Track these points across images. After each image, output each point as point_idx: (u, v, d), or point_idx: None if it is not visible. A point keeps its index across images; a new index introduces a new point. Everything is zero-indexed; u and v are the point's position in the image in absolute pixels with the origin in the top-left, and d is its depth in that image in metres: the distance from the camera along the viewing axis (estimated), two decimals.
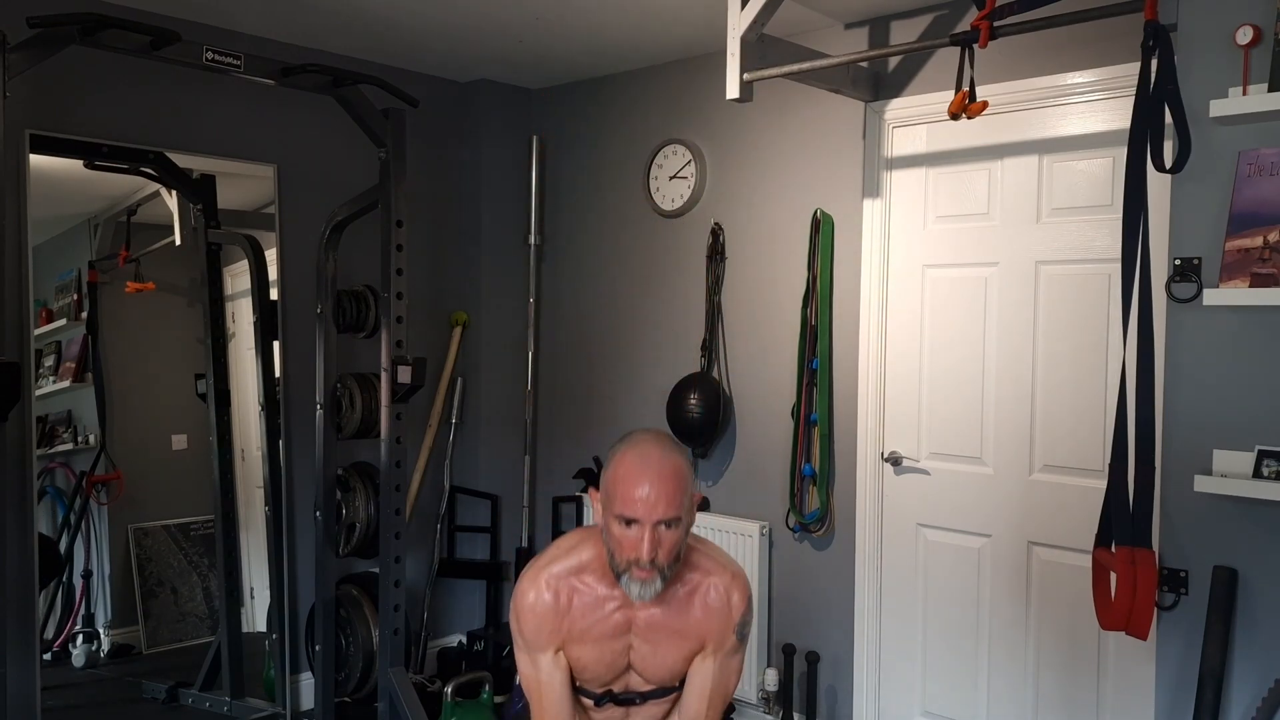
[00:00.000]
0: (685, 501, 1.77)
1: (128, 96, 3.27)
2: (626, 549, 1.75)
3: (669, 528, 1.75)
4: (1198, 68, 2.10)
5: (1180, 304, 2.13)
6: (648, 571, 1.75)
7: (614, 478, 1.77)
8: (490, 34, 3.57)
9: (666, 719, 2.04)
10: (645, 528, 1.73)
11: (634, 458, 1.76)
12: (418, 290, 3.62)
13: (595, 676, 1.95)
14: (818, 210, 3.41)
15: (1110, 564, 2.07)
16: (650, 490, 1.72)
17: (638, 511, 1.72)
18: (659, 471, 1.74)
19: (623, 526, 1.75)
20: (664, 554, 1.75)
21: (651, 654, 1.91)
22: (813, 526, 3.43)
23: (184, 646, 3.62)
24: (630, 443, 1.81)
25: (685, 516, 1.78)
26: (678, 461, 1.77)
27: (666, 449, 1.79)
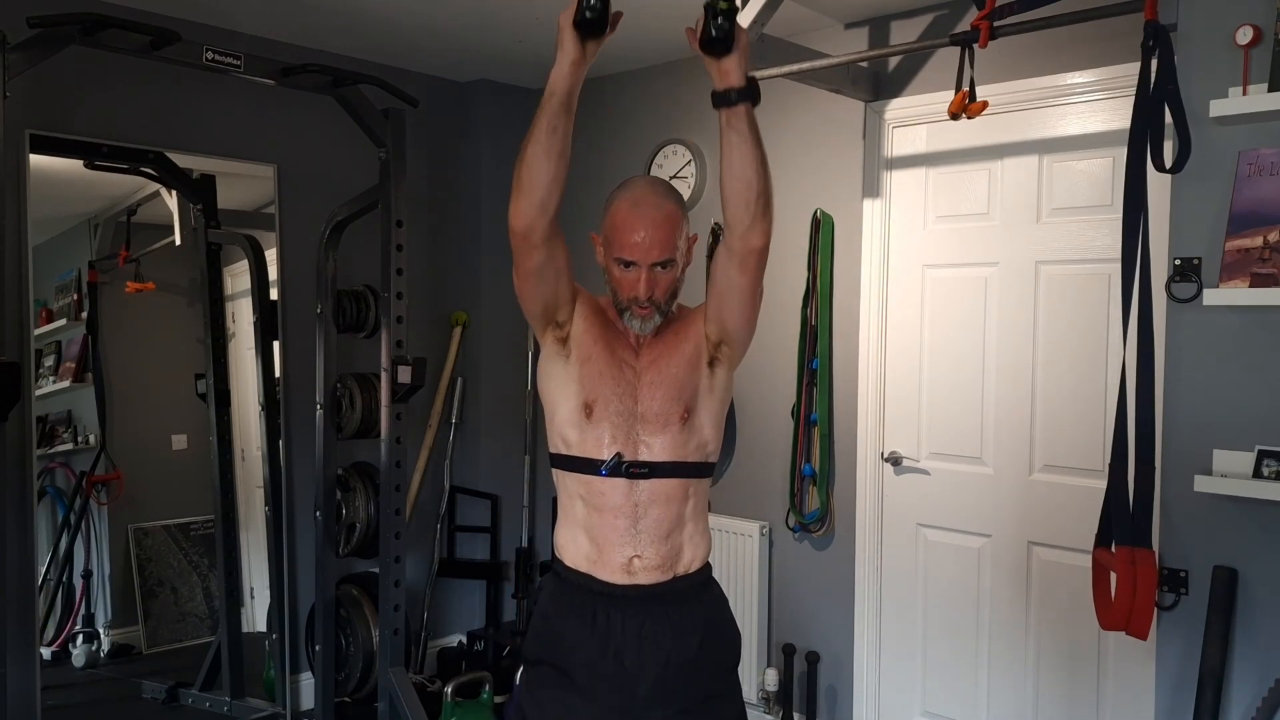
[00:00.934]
0: (679, 243, 1.85)
1: (128, 96, 3.27)
2: (626, 288, 1.85)
3: (664, 268, 1.84)
4: (1198, 68, 2.10)
5: (1180, 304, 2.13)
6: (646, 308, 1.85)
7: (612, 224, 1.87)
8: (490, 34, 3.57)
9: (673, 531, 1.88)
10: (642, 269, 1.82)
11: (629, 204, 1.85)
12: (418, 290, 3.61)
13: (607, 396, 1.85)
14: (818, 210, 3.41)
15: (1110, 564, 2.07)
16: (646, 235, 1.81)
17: (635, 255, 1.82)
18: (653, 217, 1.82)
19: (622, 268, 1.85)
20: (660, 292, 1.85)
21: (657, 374, 1.89)
22: (813, 526, 3.43)
23: (184, 646, 3.62)
24: (627, 189, 1.89)
25: (679, 258, 1.86)
26: (671, 207, 1.85)
27: (661, 194, 1.87)
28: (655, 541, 1.85)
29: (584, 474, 1.86)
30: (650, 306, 1.85)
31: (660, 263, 1.83)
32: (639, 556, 1.84)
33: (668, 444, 1.86)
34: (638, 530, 1.84)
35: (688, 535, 1.89)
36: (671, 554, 1.87)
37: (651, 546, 1.85)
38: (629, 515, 1.85)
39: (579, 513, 1.88)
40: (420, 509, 4.10)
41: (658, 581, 1.85)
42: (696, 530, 1.91)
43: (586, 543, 1.87)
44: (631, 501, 1.85)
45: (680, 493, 1.87)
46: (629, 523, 1.84)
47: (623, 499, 1.84)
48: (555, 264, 1.85)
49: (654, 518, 1.85)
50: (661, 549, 1.85)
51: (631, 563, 1.84)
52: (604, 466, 1.84)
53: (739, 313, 1.87)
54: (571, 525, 1.90)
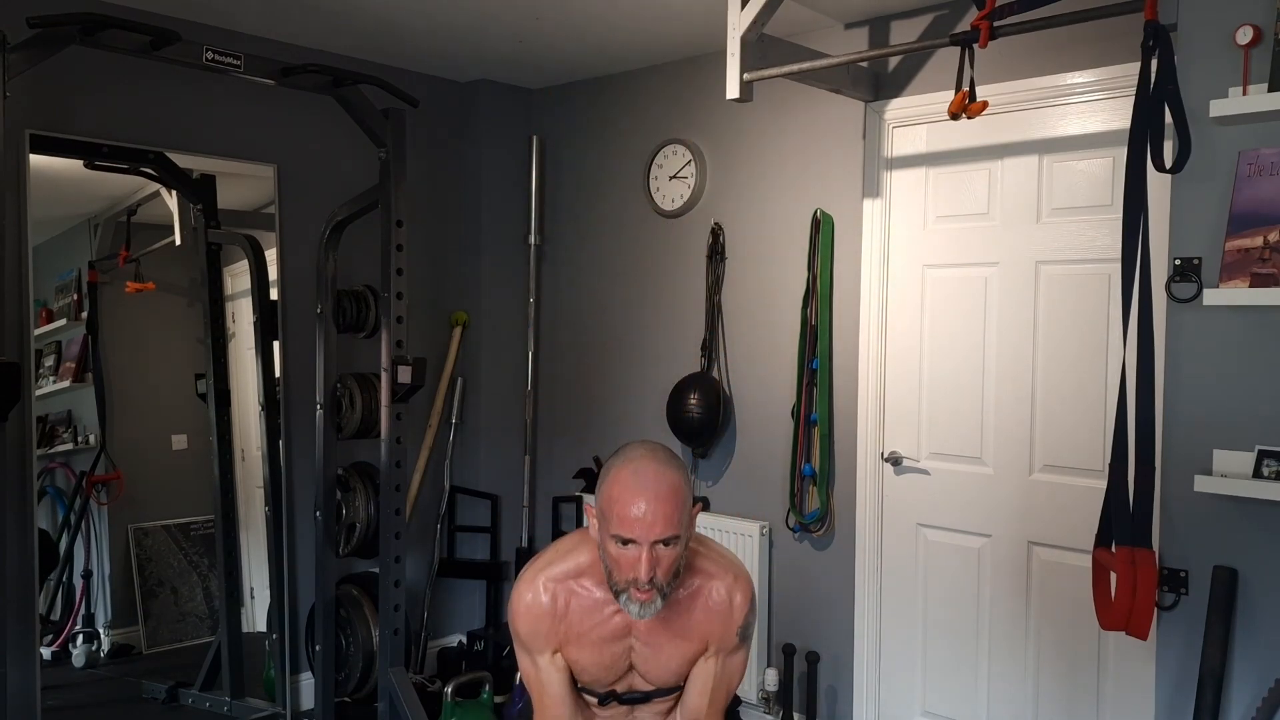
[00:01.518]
0: (683, 518, 1.73)
1: (128, 96, 3.27)
2: (624, 568, 1.72)
3: (667, 546, 1.71)
4: (1198, 68, 2.10)
5: (1180, 304, 2.13)
6: (647, 592, 1.72)
7: (609, 497, 1.73)
8: (490, 34, 3.57)
9: (670, 715, 2.04)
10: (643, 548, 1.69)
11: (629, 475, 1.72)
12: (418, 290, 3.62)
13: (596, 678, 1.95)
14: (818, 210, 3.41)
15: (1110, 564, 2.07)
16: (647, 509, 1.68)
17: (635, 532, 1.68)
18: (655, 490, 1.69)
19: (620, 546, 1.71)
20: (662, 573, 1.72)
21: (653, 657, 1.91)
22: (813, 526, 3.43)
23: (184, 646, 3.62)
24: (625, 458, 1.76)
25: (684, 533, 1.74)
26: (674, 478, 1.73)
27: (663, 464, 1.74)
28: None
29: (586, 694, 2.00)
30: (651, 590, 1.72)
31: (663, 540, 1.70)
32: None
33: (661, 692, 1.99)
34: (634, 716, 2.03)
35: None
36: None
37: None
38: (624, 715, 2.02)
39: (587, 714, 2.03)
40: (420, 509, 4.10)
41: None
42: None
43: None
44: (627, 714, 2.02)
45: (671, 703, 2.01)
46: (625, 711, 2.02)
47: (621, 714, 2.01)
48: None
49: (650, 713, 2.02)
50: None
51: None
52: (602, 699, 1.98)
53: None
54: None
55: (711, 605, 1.88)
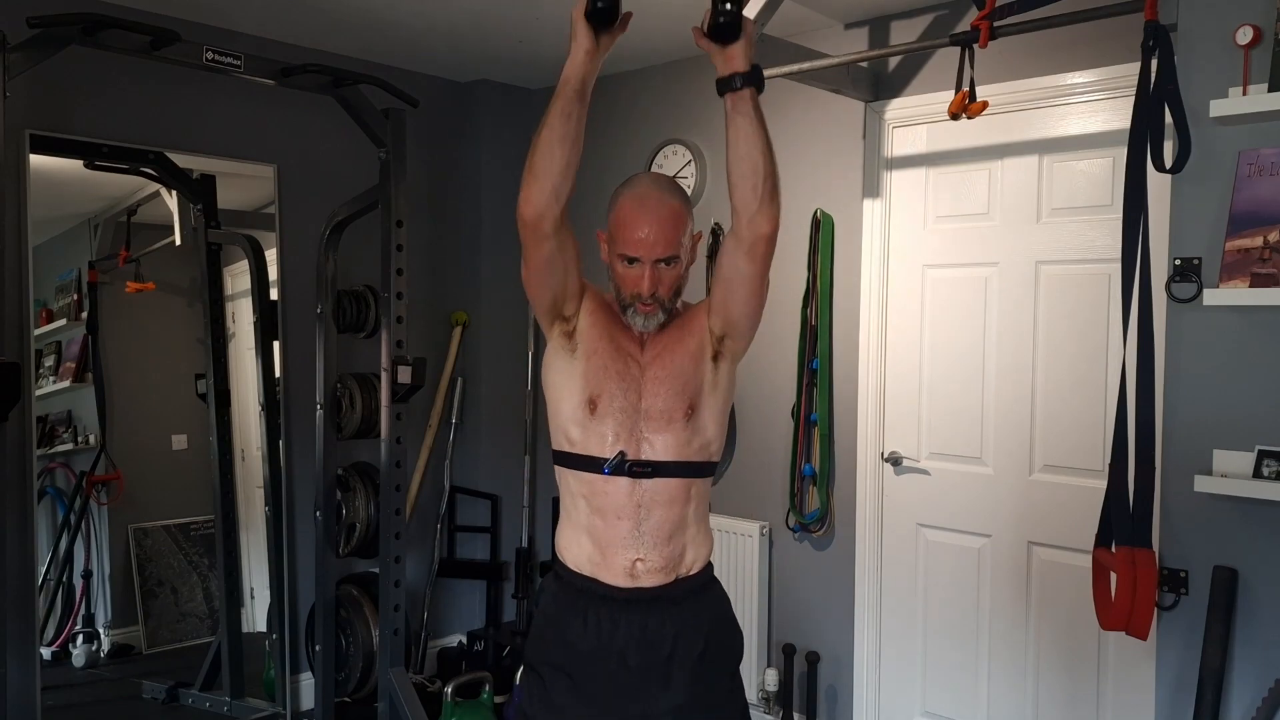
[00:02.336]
0: (683, 240, 1.85)
1: (128, 96, 3.27)
2: (630, 285, 1.85)
3: (668, 265, 1.83)
4: (1198, 68, 2.10)
5: (1180, 304, 2.13)
6: (650, 305, 1.85)
7: (616, 220, 1.87)
8: (490, 34, 3.57)
9: (676, 533, 1.87)
10: (645, 265, 1.82)
11: (634, 200, 1.85)
12: (418, 290, 3.61)
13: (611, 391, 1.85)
14: (818, 210, 3.41)
15: (1110, 564, 2.07)
16: (649, 231, 1.81)
17: (638, 251, 1.82)
18: (657, 213, 1.82)
19: (626, 265, 1.84)
20: (664, 289, 1.85)
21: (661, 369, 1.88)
22: (813, 526, 3.43)
23: (184, 646, 3.62)
24: (631, 185, 1.89)
25: (683, 255, 1.86)
26: (675, 204, 1.85)
27: (665, 191, 1.86)
28: (658, 544, 1.84)
29: (587, 472, 1.85)
30: (654, 303, 1.85)
31: (664, 259, 1.83)
32: (641, 560, 1.83)
33: (671, 442, 1.85)
34: (640, 533, 1.83)
35: (690, 537, 1.88)
36: (674, 556, 1.86)
37: (655, 549, 1.83)
38: (632, 517, 1.83)
39: (581, 515, 1.87)
40: (420, 509, 4.10)
41: (660, 584, 1.85)
42: (699, 531, 1.91)
43: (589, 545, 1.86)
44: (634, 502, 1.83)
45: (683, 493, 1.86)
46: (632, 524, 1.83)
47: (625, 499, 1.83)
48: (565, 256, 1.85)
49: (657, 519, 1.83)
50: (664, 551, 1.84)
51: (635, 566, 1.83)
52: (607, 465, 1.82)
53: (745, 302, 1.84)
54: (574, 527, 1.89)
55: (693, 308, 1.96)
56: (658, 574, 1.84)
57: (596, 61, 1.68)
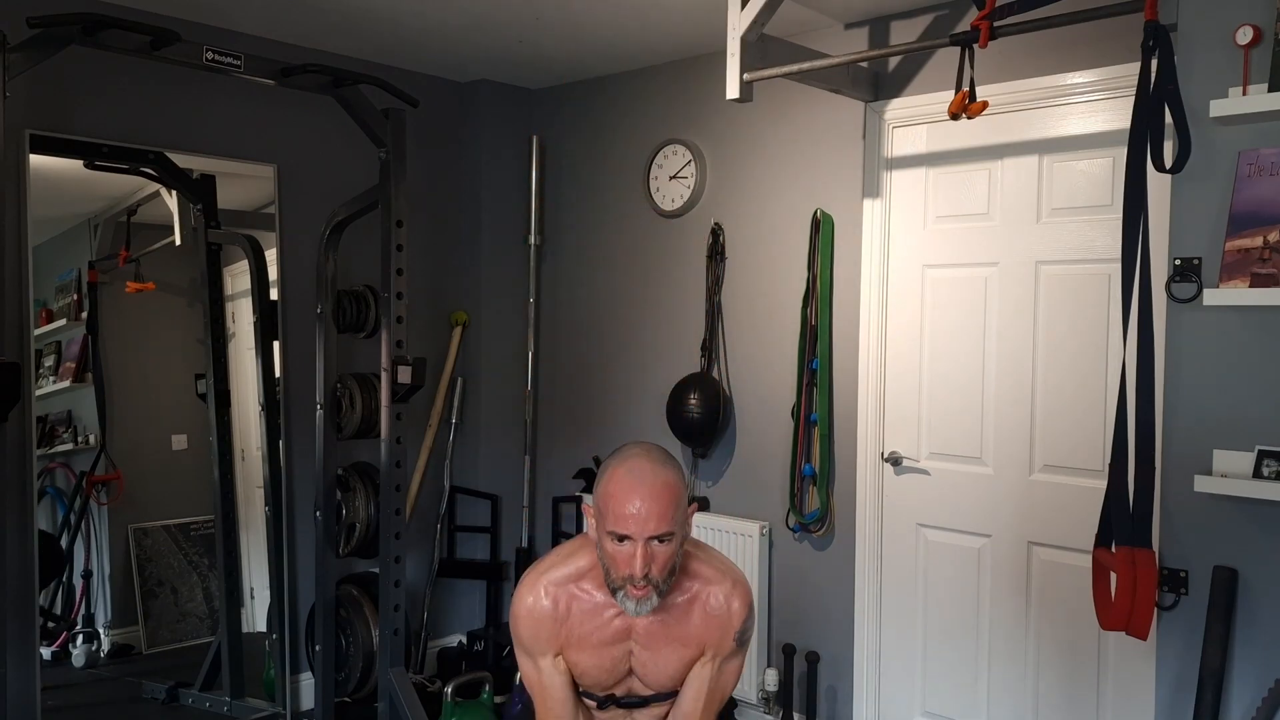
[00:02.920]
0: (678, 516, 1.76)
1: (128, 96, 3.27)
2: (620, 565, 1.76)
3: (662, 543, 1.75)
4: (1198, 68, 2.10)
5: (1180, 304, 2.13)
6: (642, 589, 1.76)
7: (605, 494, 1.77)
8: (490, 34, 3.57)
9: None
10: (638, 544, 1.73)
11: (624, 474, 1.76)
12: (418, 290, 3.62)
13: (596, 681, 1.96)
14: (818, 210, 3.41)
15: (1110, 564, 2.07)
16: (642, 506, 1.72)
17: (629, 528, 1.73)
18: (650, 488, 1.73)
19: (616, 543, 1.76)
20: (657, 569, 1.76)
21: (651, 660, 1.92)
22: (813, 526, 3.43)
23: (184, 646, 3.62)
24: (621, 458, 1.81)
25: (678, 531, 1.77)
26: (669, 476, 1.77)
27: (658, 464, 1.78)
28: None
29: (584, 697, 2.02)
30: (646, 586, 1.76)
31: (657, 536, 1.74)
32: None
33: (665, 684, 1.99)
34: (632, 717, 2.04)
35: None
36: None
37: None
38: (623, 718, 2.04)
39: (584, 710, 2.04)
40: (420, 509, 4.10)
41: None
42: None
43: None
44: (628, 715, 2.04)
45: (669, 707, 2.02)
46: (624, 714, 2.03)
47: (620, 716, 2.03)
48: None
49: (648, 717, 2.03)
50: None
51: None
52: (602, 703, 1.99)
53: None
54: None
55: (710, 611, 1.91)
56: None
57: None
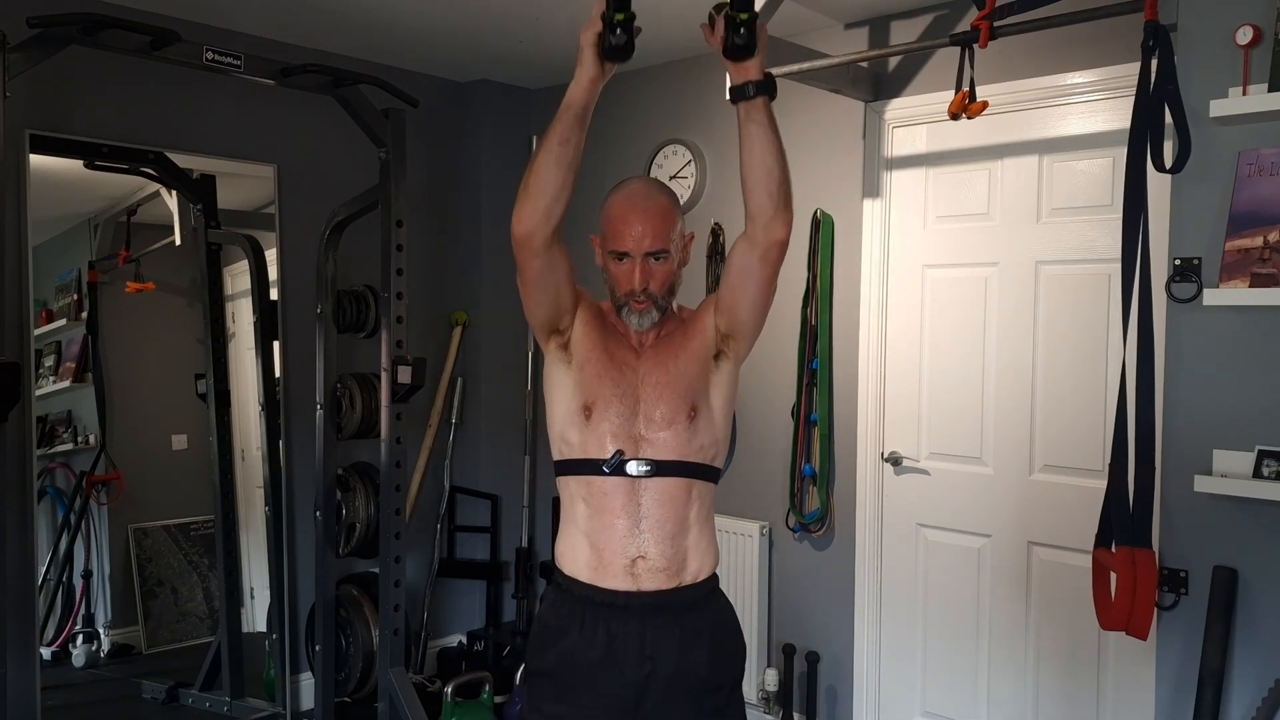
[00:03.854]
0: (674, 237, 1.86)
1: (128, 96, 3.27)
2: (623, 282, 1.86)
3: (658, 260, 1.84)
4: (1198, 68, 2.10)
5: (1180, 304, 2.13)
6: (643, 302, 1.85)
7: (605, 218, 1.89)
8: (490, 34, 3.57)
9: (677, 534, 1.83)
10: (636, 260, 1.83)
11: (622, 198, 1.88)
12: (418, 290, 3.61)
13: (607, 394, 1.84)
14: (818, 210, 3.41)
15: (1110, 564, 2.07)
16: (639, 226, 1.83)
17: (627, 245, 1.84)
18: (645, 209, 1.85)
19: (617, 262, 1.86)
20: (656, 283, 1.85)
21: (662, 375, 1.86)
22: (813, 526, 3.43)
23: (184, 646, 3.62)
24: (621, 187, 1.92)
25: (674, 251, 1.87)
26: (664, 200, 1.88)
27: (653, 189, 1.91)
28: (659, 542, 1.80)
29: (586, 475, 1.83)
30: (647, 300, 1.85)
31: (654, 253, 1.84)
32: (643, 557, 1.80)
33: (672, 442, 1.82)
34: (640, 530, 1.80)
35: (693, 541, 1.84)
36: (676, 559, 1.82)
37: (655, 547, 1.80)
38: (631, 515, 1.80)
39: (580, 517, 1.84)
40: (420, 509, 4.10)
41: (662, 589, 1.80)
42: (702, 537, 1.87)
43: (587, 549, 1.82)
44: (634, 501, 1.80)
45: (684, 494, 1.83)
46: (631, 523, 1.80)
47: (625, 498, 1.80)
48: (556, 273, 1.86)
49: (657, 518, 1.80)
50: (666, 550, 1.80)
51: (635, 564, 1.79)
52: (606, 464, 1.81)
53: (753, 302, 1.86)
54: (572, 532, 1.86)
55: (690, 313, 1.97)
56: (659, 575, 1.80)
57: (600, 86, 1.76)
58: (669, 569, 1.81)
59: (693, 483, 1.84)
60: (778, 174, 1.73)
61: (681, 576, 1.83)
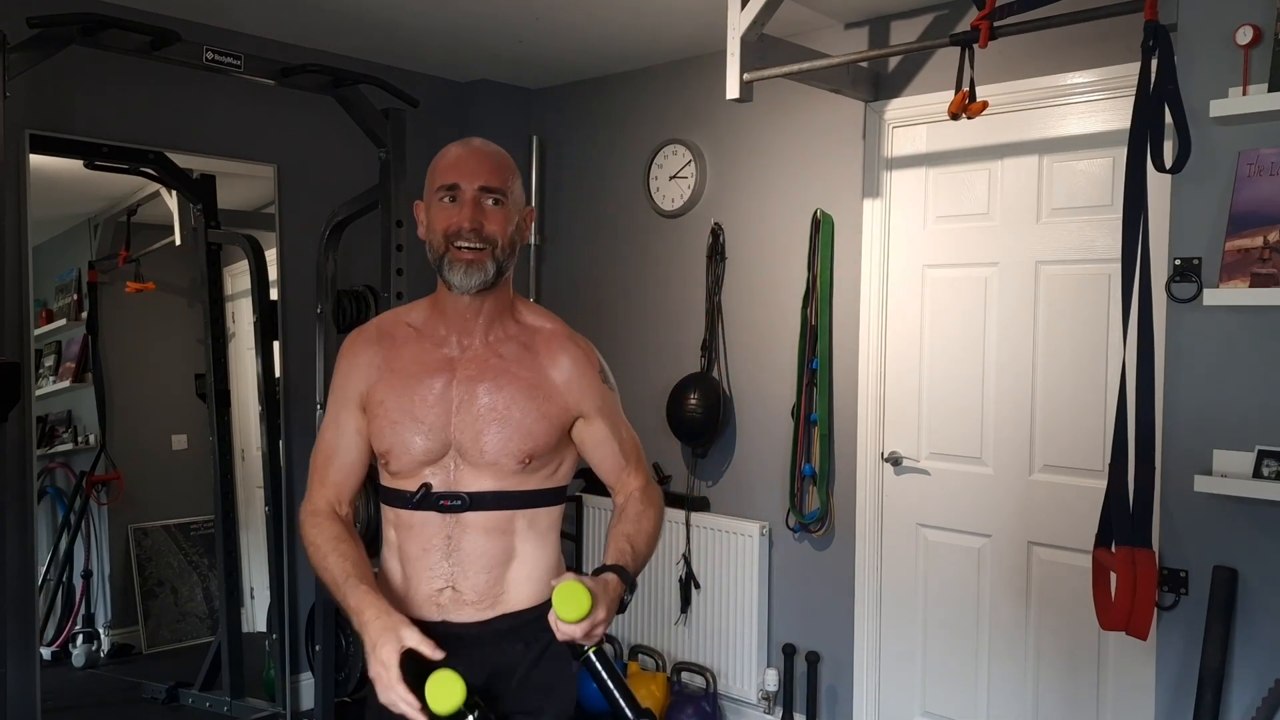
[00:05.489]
0: (513, 188, 1.60)
1: (128, 96, 3.27)
2: (448, 222, 1.55)
3: (495, 204, 1.56)
4: (1198, 68, 2.10)
5: (1180, 304, 2.13)
6: (475, 249, 1.53)
7: (433, 165, 1.62)
8: (490, 34, 3.57)
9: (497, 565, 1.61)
10: (466, 194, 1.55)
11: (454, 144, 1.64)
12: (418, 290, 3.59)
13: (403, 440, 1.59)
14: (818, 210, 3.41)
15: (1110, 564, 2.07)
16: (471, 161, 1.58)
17: (459, 176, 1.56)
18: (480, 150, 1.61)
19: (444, 203, 1.56)
20: (494, 225, 1.55)
21: (489, 406, 1.57)
22: (813, 526, 3.43)
23: (184, 646, 3.62)
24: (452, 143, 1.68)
25: (512, 205, 1.59)
26: (501, 151, 1.64)
27: (489, 142, 1.66)
28: (471, 574, 1.59)
29: (394, 506, 1.64)
30: (482, 247, 1.54)
31: (489, 189, 1.56)
32: (452, 588, 1.60)
33: (493, 478, 1.59)
34: (450, 563, 1.60)
35: (519, 572, 1.62)
36: (494, 590, 1.60)
37: (467, 580, 1.59)
38: (440, 548, 1.60)
39: (393, 544, 1.66)
40: None
41: (475, 620, 1.60)
42: (535, 563, 1.63)
43: (398, 571, 1.64)
44: (444, 532, 1.59)
45: (507, 524, 1.60)
46: (440, 555, 1.60)
47: (434, 530, 1.60)
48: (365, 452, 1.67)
49: (470, 550, 1.59)
50: (478, 583, 1.59)
51: (441, 594, 1.60)
52: (412, 498, 1.59)
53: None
54: (390, 556, 1.67)
55: (556, 347, 1.64)
56: (470, 608, 1.60)
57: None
58: (482, 600, 1.61)
59: (517, 513, 1.61)
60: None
61: (499, 607, 1.61)
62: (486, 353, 1.62)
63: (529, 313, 1.69)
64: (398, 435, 1.60)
